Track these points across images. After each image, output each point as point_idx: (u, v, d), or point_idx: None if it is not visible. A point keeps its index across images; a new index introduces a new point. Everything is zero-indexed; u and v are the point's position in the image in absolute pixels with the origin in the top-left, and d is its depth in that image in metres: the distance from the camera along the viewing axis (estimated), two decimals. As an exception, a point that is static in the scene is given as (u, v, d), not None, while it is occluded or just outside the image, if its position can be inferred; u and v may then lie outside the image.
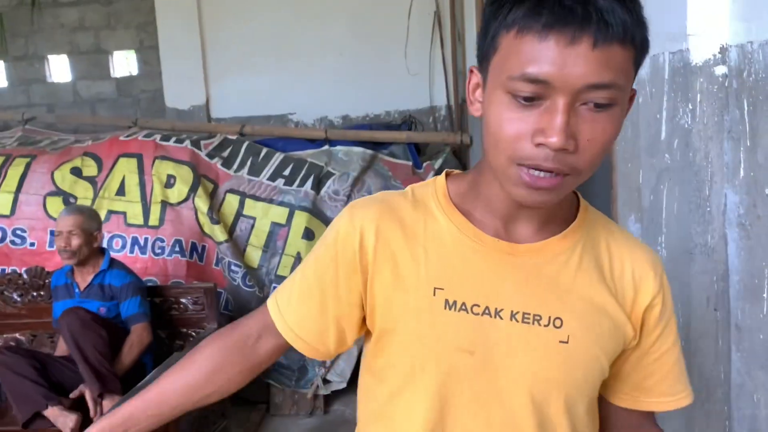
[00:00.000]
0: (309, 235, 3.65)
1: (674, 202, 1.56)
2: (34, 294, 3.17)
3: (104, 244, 3.59)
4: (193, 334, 3.01)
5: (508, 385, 0.82)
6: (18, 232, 3.70)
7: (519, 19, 0.70)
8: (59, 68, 5.12)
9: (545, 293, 0.83)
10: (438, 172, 3.85)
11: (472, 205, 0.86)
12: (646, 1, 1.60)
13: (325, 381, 3.65)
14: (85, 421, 2.48)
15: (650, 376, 0.91)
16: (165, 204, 3.70)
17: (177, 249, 3.64)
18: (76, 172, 3.82)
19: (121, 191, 3.74)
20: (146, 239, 3.66)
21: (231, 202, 3.78)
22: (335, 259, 0.86)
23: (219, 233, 3.66)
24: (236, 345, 0.95)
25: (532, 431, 0.83)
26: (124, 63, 5.11)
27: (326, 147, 4.00)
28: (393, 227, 0.85)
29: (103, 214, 3.69)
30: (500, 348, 0.82)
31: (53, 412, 2.49)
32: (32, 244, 3.69)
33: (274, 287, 3.65)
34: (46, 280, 3.14)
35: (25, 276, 3.19)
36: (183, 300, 3.04)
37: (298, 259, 3.64)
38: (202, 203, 3.69)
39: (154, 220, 3.68)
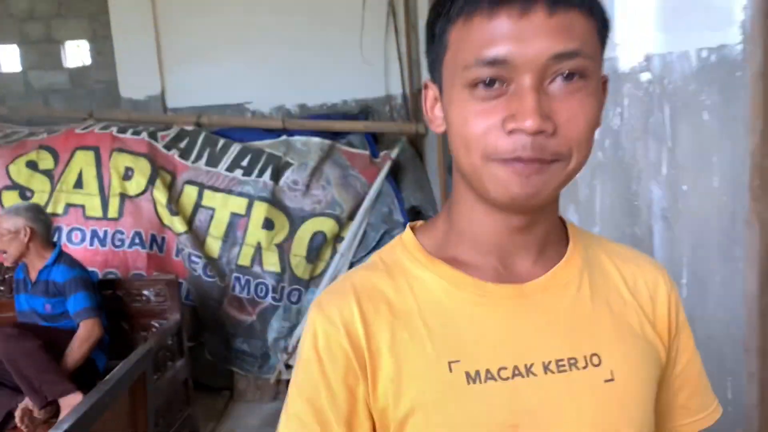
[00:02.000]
0: (269, 225, 3.72)
1: (607, 196, 1.70)
2: (-7, 289, 3.18)
3: (63, 238, 3.61)
4: (156, 325, 3.07)
5: None
6: (-27, 227, 3.67)
7: (463, 5, 0.64)
8: (9, 58, 5.02)
9: (570, 331, 0.71)
10: (395, 162, 3.97)
11: (456, 251, 0.74)
12: None
13: (288, 366, 3.75)
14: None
15: (681, 390, 0.81)
16: (123, 196, 3.72)
17: (137, 241, 3.67)
18: (32, 165, 3.80)
19: (78, 184, 3.74)
20: (105, 232, 3.68)
21: (190, 194, 3.82)
22: (323, 373, 0.69)
23: (178, 225, 3.70)
24: None
25: None
26: (76, 53, 5.04)
27: (284, 137, 4.06)
28: (377, 309, 0.71)
29: (61, 208, 3.70)
30: (545, 410, 0.68)
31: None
32: (-11, 239, 3.67)
33: (236, 277, 3.72)
34: (6, 275, 3.15)
35: (-18, 271, 3.19)
36: (145, 292, 3.09)
37: (258, 249, 3.71)
38: (160, 195, 3.72)
39: (113, 212, 3.70)
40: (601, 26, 0.66)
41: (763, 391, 1.28)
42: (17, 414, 2.53)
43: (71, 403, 2.50)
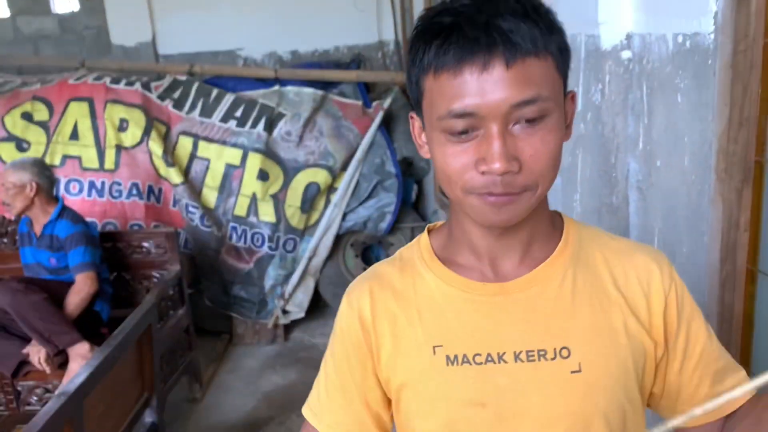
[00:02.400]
0: (263, 176, 3.80)
1: (587, 166, 1.79)
2: (-3, 241, 3.27)
3: (62, 189, 3.69)
4: (156, 275, 3.19)
5: (536, 427, 0.78)
6: (-28, 178, 3.73)
7: (432, 59, 0.72)
8: (-5, 3, 4.95)
9: (545, 326, 0.80)
10: (387, 112, 4.01)
11: (456, 253, 0.86)
12: None
13: (284, 312, 3.91)
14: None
15: (701, 383, 0.83)
16: (119, 148, 3.77)
17: (134, 192, 3.76)
18: (27, 116, 3.83)
19: (74, 136, 3.79)
20: (103, 183, 3.76)
21: (185, 145, 3.87)
22: (346, 350, 0.88)
23: (175, 175, 3.78)
24: None
25: None
26: (64, -2, 4.97)
27: (277, 87, 4.08)
28: (385, 297, 0.86)
29: (58, 159, 3.76)
30: (511, 393, 0.78)
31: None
32: (-12, 191, 3.74)
33: (232, 227, 3.83)
34: (9, 228, 3.24)
35: (-14, 224, 3.28)
36: (145, 244, 3.19)
37: (253, 199, 3.80)
38: (156, 146, 3.78)
39: (109, 163, 3.76)
40: (559, 58, 0.74)
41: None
42: (36, 356, 2.68)
43: (79, 352, 2.64)
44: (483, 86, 0.69)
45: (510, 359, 0.79)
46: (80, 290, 2.81)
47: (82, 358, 2.63)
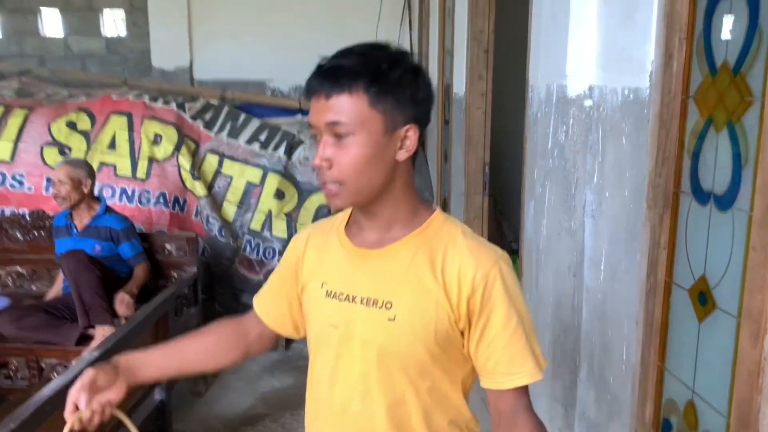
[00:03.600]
0: (280, 195, 4.15)
1: (553, 195, 2.09)
2: (35, 233, 3.62)
3: (95, 193, 4.04)
4: (175, 275, 3.50)
5: (360, 349, 1.13)
6: (17, 177, 4.12)
7: (305, 90, 1.08)
8: (51, 22, 5.42)
9: (383, 283, 1.12)
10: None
11: (353, 223, 1.20)
12: (540, 44, 2.14)
13: (287, 323, 4.18)
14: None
15: (489, 358, 1.11)
16: (152, 160, 4.15)
17: (161, 200, 4.11)
18: (71, 125, 4.22)
19: (112, 145, 4.17)
20: (134, 190, 4.12)
21: (211, 161, 4.24)
22: (287, 262, 1.27)
23: (199, 188, 4.13)
24: (238, 329, 1.34)
25: (379, 383, 1.12)
26: (113, 22, 5.44)
27: (299, 117, 4.46)
28: (314, 240, 1.24)
29: (95, 165, 4.11)
30: (352, 323, 1.13)
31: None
32: (30, 188, 4.12)
33: (247, 240, 4.15)
34: (47, 222, 3.59)
35: (27, 218, 3.63)
36: (168, 246, 3.52)
37: (269, 215, 4.14)
38: (185, 161, 4.14)
39: (141, 173, 4.13)
40: (376, 97, 1.03)
41: (644, 352, 1.68)
42: (120, 299, 3.04)
43: (105, 333, 2.95)
44: (313, 108, 1.07)
45: (357, 301, 1.13)
46: (145, 276, 3.26)
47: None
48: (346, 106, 1.03)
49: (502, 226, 5.00)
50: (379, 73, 1.04)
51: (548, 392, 2.21)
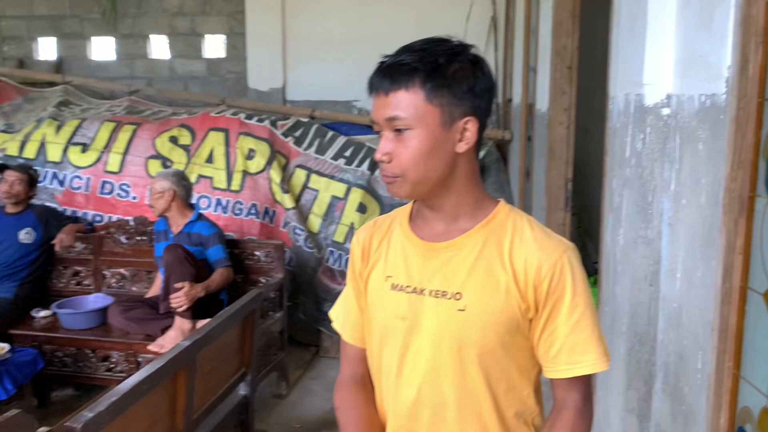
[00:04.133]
0: (362, 208, 4.29)
1: (631, 204, 2.09)
2: (138, 238, 3.91)
3: (193, 202, 4.33)
4: (263, 280, 3.69)
5: (429, 340, 1.15)
6: (124, 187, 4.46)
7: (368, 87, 1.12)
8: (159, 47, 5.86)
9: (451, 275, 1.13)
10: (480, 164, 4.39)
11: (418, 217, 1.21)
12: (619, 56, 2.17)
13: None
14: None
15: (551, 346, 1.13)
16: (245, 173, 4.39)
17: (253, 211, 4.34)
18: (173, 140, 4.54)
19: (209, 159, 4.45)
20: (228, 201, 4.37)
21: (299, 176, 4.45)
22: (353, 266, 1.30)
23: (288, 201, 4.33)
24: (364, 387, 1.30)
25: (449, 373, 1.14)
26: (214, 46, 5.82)
27: (384, 134, 4.60)
28: (374, 241, 1.26)
29: (194, 177, 4.41)
30: (421, 315, 1.15)
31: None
32: (134, 198, 4.44)
33: (330, 251, 4.31)
34: (149, 228, 3.87)
35: (132, 223, 3.93)
36: (257, 252, 3.72)
37: (351, 228, 4.28)
38: (275, 175, 4.37)
39: (235, 185, 4.38)
40: (430, 90, 1.06)
41: (718, 360, 1.66)
42: (182, 286, 3.20)
43: (182, 325, 3.18)
44: (375, 104, 1.12)
45: (426, 294, 1.16)
46: (226, 279, 3.41)
47: (181, 332, 3.15)
48: (403, 102, 1.06)
49: (587, 246, 4.93)
50: (436, 67, 1.06)
51: (622, 404, 2.19)
